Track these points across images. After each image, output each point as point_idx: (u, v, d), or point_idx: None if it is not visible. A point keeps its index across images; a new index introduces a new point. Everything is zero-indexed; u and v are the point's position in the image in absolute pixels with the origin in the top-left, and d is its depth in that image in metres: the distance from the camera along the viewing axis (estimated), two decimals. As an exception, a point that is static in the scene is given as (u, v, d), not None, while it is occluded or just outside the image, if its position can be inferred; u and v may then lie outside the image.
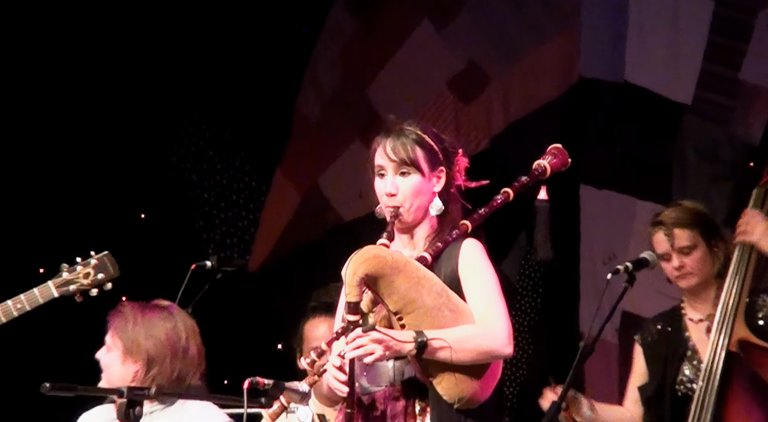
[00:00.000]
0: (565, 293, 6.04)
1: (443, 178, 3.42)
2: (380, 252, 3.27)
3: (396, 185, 3.38)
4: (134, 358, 3.64)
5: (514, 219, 6.09)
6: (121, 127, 6.63)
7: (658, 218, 4.29)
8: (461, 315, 3.27)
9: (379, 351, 3.20)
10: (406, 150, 3.38)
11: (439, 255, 3.34)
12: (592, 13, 6.00)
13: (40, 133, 6.48)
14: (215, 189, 6.94)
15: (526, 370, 6.30)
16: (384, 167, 3.41)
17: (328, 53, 6.84)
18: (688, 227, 4.22)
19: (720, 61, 5.67)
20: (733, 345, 4.07)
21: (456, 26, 6.42)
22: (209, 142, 6.93)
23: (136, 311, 3.69)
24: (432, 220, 3.42)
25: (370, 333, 3.20)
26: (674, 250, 4.21)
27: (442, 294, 3.27)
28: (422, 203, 3.40)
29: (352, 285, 3.21)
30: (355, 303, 3.22)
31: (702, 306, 4.27)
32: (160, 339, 3.64)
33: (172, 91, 6.75)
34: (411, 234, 3.43)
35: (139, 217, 6.75)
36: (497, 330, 3.27)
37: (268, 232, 6.93)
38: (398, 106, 6.38)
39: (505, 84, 6.28)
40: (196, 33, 6.73)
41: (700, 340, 4.23)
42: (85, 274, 3.83)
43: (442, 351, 3.22)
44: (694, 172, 5.70)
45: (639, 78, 5.86)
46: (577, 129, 6.00)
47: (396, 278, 3.23)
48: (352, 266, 3.21)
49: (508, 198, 3.42)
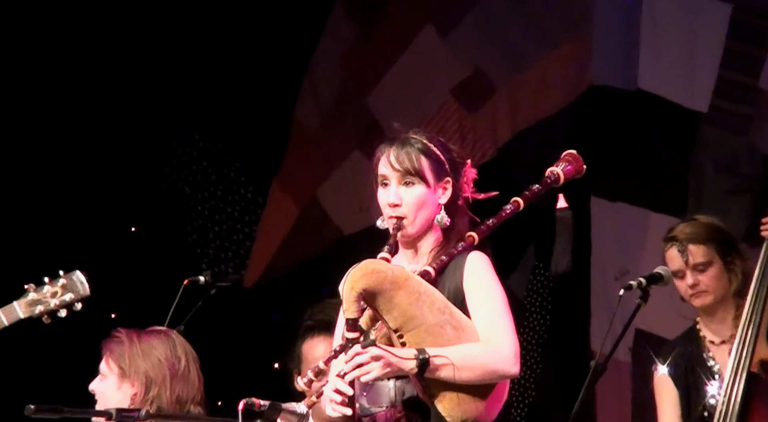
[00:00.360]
0: (575, 310, 5.97)
1: (449, 190, 3.36)
2: (379, 266, 3.21)
3: (399, 196, 3.33)
4: (131, 381, 3.58)
5: (522, 232, 6.04)
6: (111, 135, 6.60)
7: (672, 233, 4.22)
8: (465, 333, 3.22)
9: (378, 370, 3.14)
10: (411, 159, 3.32)
11: (444, 269, 3.29)
12: (604, 18, 5.96)
13: (25, 143, 6.44)
14: (209, 201, 6.90)
15: (534, 391, 6.23)
16: (387, 177, 3.35)
17: (327, 60, 6.80)
18: (703, 243, 4.17)
19: (738, 68, 5.62)
20: (755, 366, 4.00)
21: (461, 32, 6.37)
22: (203, 151, 6.90)
23: (133, 334, 3.64)
24: (437, 233, 3.36)
25: (370, 349, 3.14)
26: (688, 267, 4.16)
27: (444, 311, 3.22)
28: (427, 215, 3.34)
29: (350, 301, 3.15)
30: (354, 319, 3.16)
31: (720, 327, 4.20)
32: (159, 359, 3.59)
33: (165, 99, 6.72)
34: (415, 247, 3.37)
35: (130, 231, 6.70)
36: (503, 348, 3.20)
37: (264, 247, 6.88)
38: (400, 114, 6.25)
39: (512, 92, 6.25)
40: (190, 38, 6.70)
41: (725, 365, 4.12)
42: (53, 294, 3.68)
43: (445, 369, 3.15)
44: (711, 184, 5.64)
45: (652, 85, 5.81)
46: (588, 138, 5.90)
47: (396, 294, 3.18)
48: (350, 281, 3.16)
49: (518, 208, 3.34)
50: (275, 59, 6.72)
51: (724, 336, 4.18)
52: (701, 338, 4.21)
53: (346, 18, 6.74)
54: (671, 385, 4.21)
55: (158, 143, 6.83)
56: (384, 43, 6.62)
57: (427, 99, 6.44)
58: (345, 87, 6.75)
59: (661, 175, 5.78)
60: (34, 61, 6.46)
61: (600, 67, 5.94)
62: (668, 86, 5.76)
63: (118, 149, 6.63)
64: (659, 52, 5.79)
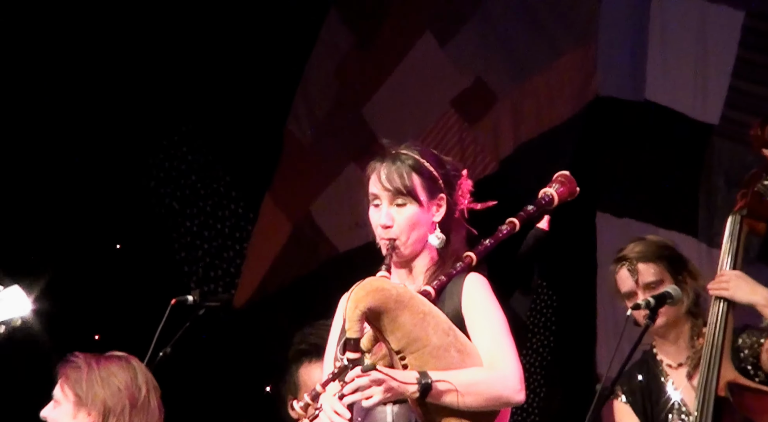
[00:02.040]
0: (580, 331, 5.91)
1: (444, 206, 3.33)
2: (384, 284, 3.17)
3: (391, 216, 3.30)
4: (88, 409, 3.47)
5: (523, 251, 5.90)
6: (95, 148, 6.57)
7: (621, 253, 4.23)
8: (469, 357, 3.18)
9: (379, 395, 3.09)
10: (402, 178, 3.29)
11: (442, 289, 3.27)
12: (611, 26, 5.91)
13: (7, 158, 6.41)
14: (198, 217, 6.87)
15: (538, 416, 6.15)
16: (378, 196, 3.32)
17: (321, 70, 6.76)
18: (653, 261, 4.17)
19: (750, 78, 5.55)
20: (722, 390, 3.99)
21: (461, 40, 6.33)
22: (192, 165, 6.86)
23: (91, 360, 3.53)
24: (432, 252, 3.34)
25: (371, 373, 3.09)
26: (639, 287, 4.14)
27: (449, 333, 3.18)
28: (419, 236, 3.31)
29: (353, 320, 3.10)
30: (356, 339, 3.11)
31: (674, 348, 4.18)
32: (118, 387, 3.49)
33: (152, 110, 6.69)
34: (409, 267, 3.35)
35: (115, 248, 6.67)
36: (508, 374, 3.17)
37: (255, 265, 6.83)
38: (397, 127, 6.33)
39: (515, 103, 6.19)
40: (179, 48, 6.67)
41: (685, 389, 4.14)
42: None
43: (448, 395, 3.12)
44: (723, 199, 5.54)
45: (661, 96, 5.76)
46: (594, 151, 5.89)
47: (400, 314, 3.14)
48: (354, 299, 3.11)
49: (514, 228, 3.35)
50: (267, 69, 6.71)
51: (680, 358, 4.15)
52: (658, 362, 4.19)
53: (341, 26, 6.72)
54: (630, 413, 4.18)
55: (145, 156, 6.81)
56: (381, 51, 6.59)
57: (426, 110, 6.41)
58: (340, 97, 6.73)
59: (669, 190, 5.72)
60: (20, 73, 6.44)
61: (606, 77, 5.91)
62: (677, 97, 5.72)
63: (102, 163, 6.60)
64: (668, 62, 5.74)
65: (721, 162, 5.58)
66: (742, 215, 4.13)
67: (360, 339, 3.11)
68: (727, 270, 4.08)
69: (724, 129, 5.59)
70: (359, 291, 3.11)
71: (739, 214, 4.14)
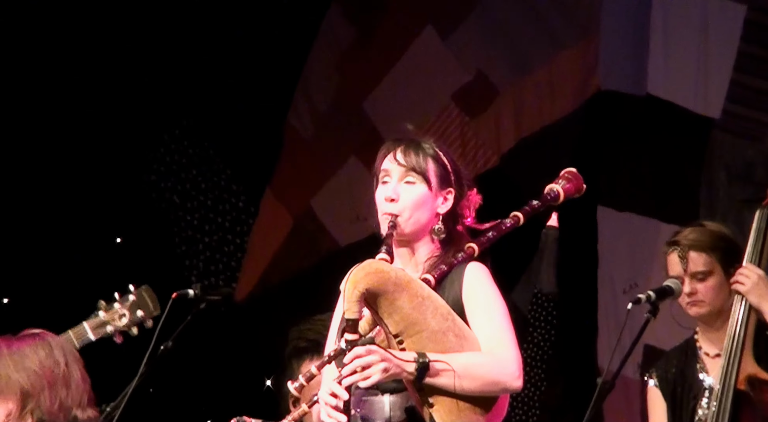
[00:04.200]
0: (581, 325, 5.90)
1: (450, 201, 3.34)
2: (383, 266, 3.17)
3: (398, 192, 3.30)
4: (5, 396, 3.30)
5: (525, 245, 5.90)
6: (95, 142, 6.54)
7: (675, 237, 4.19)
8: (467, 342, 3.18)
9: (377, 373, 3.09)
10: (418, 158, 3.31)
11: (443, 278, 3.26)
12: (613, 20, 5.88)
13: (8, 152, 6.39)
14: (199, 211, 6.85)
15: (539, 410, 6.13)
16: (389, 172, 3.33)
17: (322, 63, 6.74)
18: (706, 251, 4.12)
19: (752, 72, 5.53)
20: (741, 383, 3.98)
21: (462, 34, 6.32)
22: (192, 159, 6.84)
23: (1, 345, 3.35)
24: (435, 242, 3.34)
25: (369, 348, 3.09)
26: (687, 274, 4.11)
27: (447, 318, 3.18)
28: (422, 218, 3.30)
29: (351, 300, 3.10)
30: (354, 320, 3.11)
31: (717, 339, 4.12)
32: (33, 369, 3.31)
33: (152, 104, 6.67)
34: (411, 250, 3.33)
35: (115, 242, 6.66)
36: (507, 360, 3.17)
37: (256, 259, 6.82)
38: (398, 120, 6.25)
39: (517, 97, 6.17)
40: (181, 42, 6.64)
41: (719, 378, 4.08)
42: (122, 314, 3.74)
43: (445, 376, 3.11)
44: (724, 193, 5.56)
45: (663, 90, 5.74)
46: (595, 145, 5.89)
47: (399, 296, 3.14)
48: (353, 280, 3.11)
49: (518, 222, 3.36)
50: (268, 63, 6.68)
51: (719, 348, 4.11)
52: (697, 349, 4.17)
53: (342, 19, 6.70)
54: (660, 397, 4.18)
55: (145, 150, 6.80)
56: (382, 45, 6.58)
57: (427, 104, 6.39)
58: (341, 91, 6.71)
59: (671, 184, 5.72)
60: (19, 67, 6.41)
61: (608, 71, 5.87)
62: (679, 91, 5.70)
63: (103, 157, 6.57)
64: (670, 56, 5.72)
65: (723, 156, 5.57)
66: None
67: (359, 320, 3.11)
68: (752, 265, 4.05)
69: (725, 123, 5.58)
70: (358, 272, 3.11)
71: None
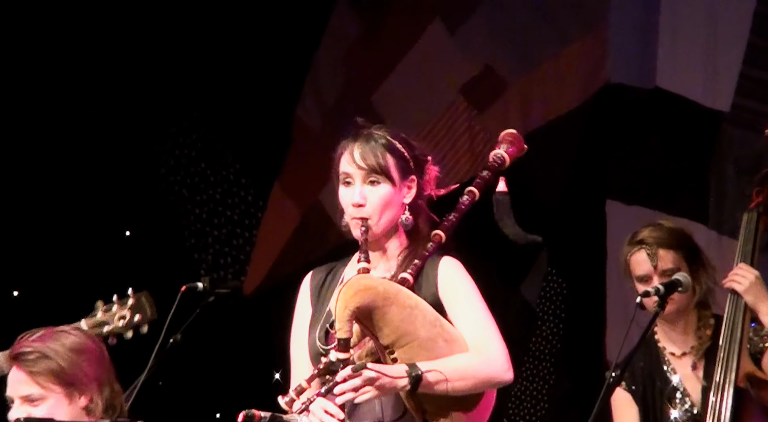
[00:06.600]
0: (590, 318, 5.88)
1: (414, 188, 3.33)
2: (370, 282, 3.17)
3: (364, 195, 3.29)
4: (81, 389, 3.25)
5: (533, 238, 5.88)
6: (104, 134, 6.54)
7: (639, 237, 4.20)
8: (456, 344, 3.21)
9: (372, 392, 3.11)
10: (376, 157, 3.29)
11: (419, 274, 3.27)
12: (621, 13, 5.85)
13: (16, 145, 6.39)
14: (208, 204, 6.84)
15: (547, 403, 6.12)
16: (351, 175, 3.31)
17: (330, 57, 6.71)
18: (674, 248, 4.14)
19: (762, 65, 5.51)
20: (741, 381, 3.98)
21: (470, 27, 6.28)
22: (201, 152, 6.83)
23: (45, 339, 3.27)
24: (401, 235, 3.34)
25: (363, 372, 3.10)
26: (656, 272, 4.12)
27: (435, 324, 3.20)
28: (392, 215, 3.31)
29: (342, 320, 3.11)
30: (346, 339, 3.12)
31: (680, 338, 4.15)
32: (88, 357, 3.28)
33: (161, 97, 6.66)
34: (382, 249, 3.34)
35: (124, 235, 6.66)
36: (495, 356, 3.20)
37: (265, 252, 6.79)
38: (406, 114, 6.31)
39: (524, 90, 6.15)
40: (188, 34, 6.63)
41: (687, 378, 4.13)
42: (121, 316, 3.74)
43: (438, 383, 3.14)
44: (733, 187, 5.52)
45: (671, 83, 5.72)
46: (603, 139, 5.87)
47: (388, 310, 3.14)
48: (343, 299, 3.11)
49: (474, 198, 3.37)
50: (276, 56, 6.66)
51: (685, 347, 4.13)
52: (660, 349, 4.16)
53: (350, 13, 6.67)
54: (629, 400, 4.16)
55: (154, 144, 6.78)
56: (390, 39, 6.55)
57: (435, 97, 6.37)
58: (349, 85, 6.68)
59: (679, 177, 5.69)
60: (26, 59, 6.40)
61: (616, 64, 5.85)
62: (688, 84, 5.67)
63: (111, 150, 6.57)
64: (678, 49, 5.70)
65: (732, 149, 5.55)
66: (759, 212, 4.13)
67: (350, 338, 3.11)
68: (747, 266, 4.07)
69: (734, 116, 5.56)
70: (347, 290, 3.11)
71: (756, 212, 4.13)
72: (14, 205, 6.31)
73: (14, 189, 6.32)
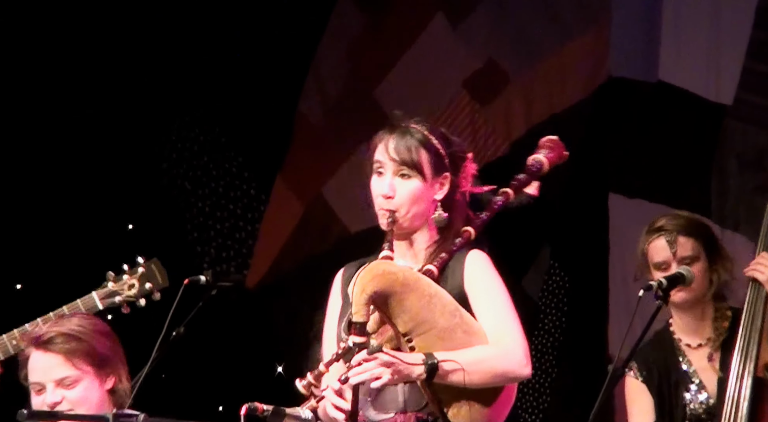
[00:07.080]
0: (592, 312, 5.88)
1: (447, 185, 3.32)
2: (390, 267, 3.17)
3: (394, 187, 3.29)
4: (109, 370, 3.30)
5: (535, 232, 5.91)
6: (107, 129, 6.53)
7: (659, 224, 4.18)
8: (475, 337, 3.20)
9: (386, 376, 3.10)
10: (409, 151, 3.27)
11: (444, 267, 3.26)
12: (624, 7, 5.85)
13: (18, 140, 6.36)
14: (210, 198, 6.83)
15: (549, 396, 6.11)
16: (383, 164, 3.31)
17: (333, 51, 6.70)
18: (693, 236, 4.13)
19: (764, 59, 5.50)
20: (760, 371, 3.99)
21: (473, 21, 6.28)
22: (204, 146, 6.83)
23: (65, 323, 3.30)
24: (432, 229, 3.33)
25: (377, 355, 3.10)
26: (675, 259, 4.10)
27: (455, 314, 3.18)
28: (420, 210, 3.30)
29: (360, 304, 3.11)
30: (362, 323, 3.12)
31: (697, 329, 4.14)
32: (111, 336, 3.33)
33: (163, 91, 6.64)
34: (409, 241, 3.33)
35: (127, 228, 6.64)
36: (513, 350, 3.19)
37: (267, 245, 6.79)
38: (409, 108, 6.16)
39: (527, 84, 6.14)
40: (190, 28, 6.62)
41: (703, 369, 4.11)
42: (131, 285, 3.75)
43: (455, 374, 3.12)
44: (736, 181, 5.54)
45: (674, 77, 5.70)
46: (606, 133, 5.87)
47: (407, 296, 3.14)
48: (360, 283, 3.12)
49: (508, 198, 3.36)
50: (279, 50, 6.65)
51: (701, 338, 4.12)
52: (675, 341, 4.15)
53: (353, 7, 6.66)
54: (645, 391, 4.15)
55: (157, 137, 6.77)
56: (393, 33, 6.54)
57: (438, 91, 6.36)
58: (352, 79, 6.68)
59: (682, 171, 5.68)
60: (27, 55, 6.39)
61: (619, 57, 5.84)
62: (691, 78, 5.66)
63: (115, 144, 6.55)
64: (682, 42, 5.69)
65: (734, 143, 5.55)
66: None
67: (366, 322, 3.11)
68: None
69: (737, 110, 5.55)
70: (366, 275, 3.11)
71: None
72: (18, 200, 6.30)
73: (17, 183, 6.31)
